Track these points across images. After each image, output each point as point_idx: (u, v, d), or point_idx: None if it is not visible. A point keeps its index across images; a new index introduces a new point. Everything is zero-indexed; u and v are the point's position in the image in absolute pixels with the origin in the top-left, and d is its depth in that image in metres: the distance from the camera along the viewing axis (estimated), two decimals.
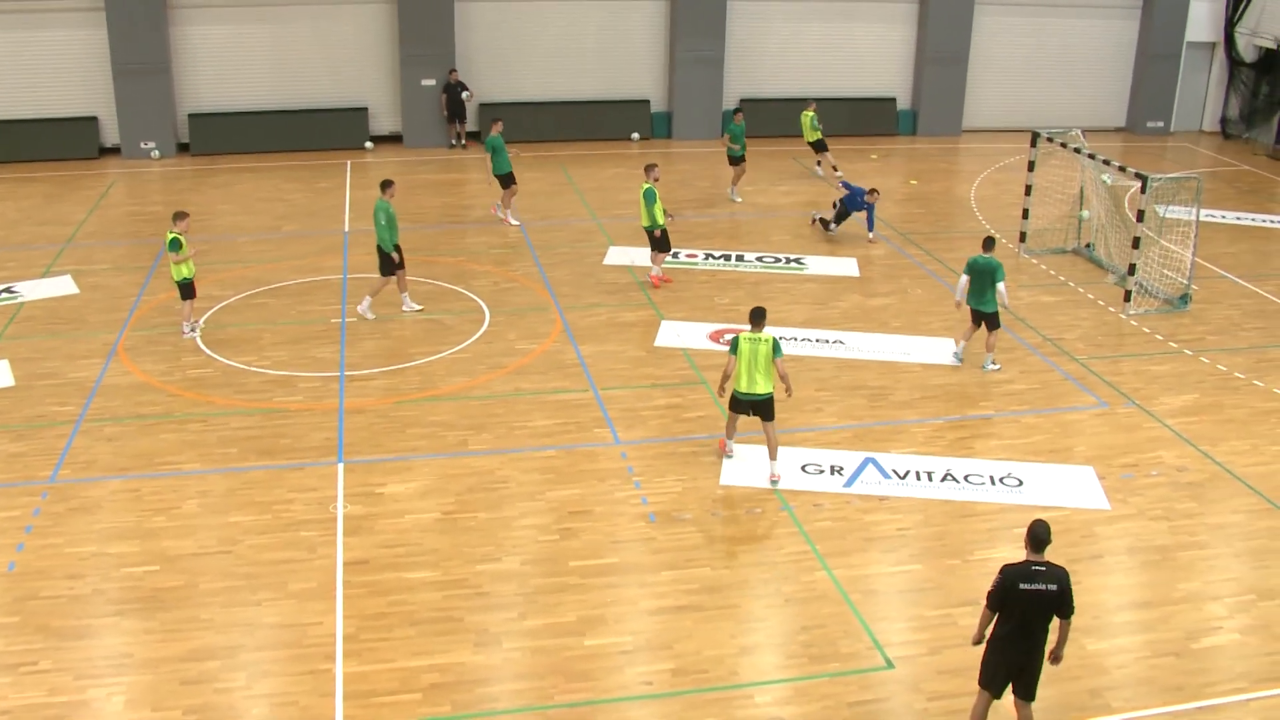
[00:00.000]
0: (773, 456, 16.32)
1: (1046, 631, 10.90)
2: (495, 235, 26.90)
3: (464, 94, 34.76)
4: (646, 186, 23.38)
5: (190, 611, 13.43)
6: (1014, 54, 38.47)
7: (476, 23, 35.33)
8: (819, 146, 32.14)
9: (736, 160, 30.18)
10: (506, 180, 27.42)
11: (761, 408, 16.22)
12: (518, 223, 27.70)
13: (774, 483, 16.25)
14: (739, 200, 30.17)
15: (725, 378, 16.28)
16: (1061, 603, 10.76)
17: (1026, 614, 10.76)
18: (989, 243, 19.85)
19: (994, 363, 20.13)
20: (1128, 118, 39.76)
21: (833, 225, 26.84)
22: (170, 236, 20.40)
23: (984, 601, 10.94)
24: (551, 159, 34.10)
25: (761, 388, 16.10)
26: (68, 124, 33.50)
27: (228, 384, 19.18)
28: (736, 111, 30.54)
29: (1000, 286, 19.49)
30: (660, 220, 23.31)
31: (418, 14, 34.25)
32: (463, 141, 35.49)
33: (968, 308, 20.04)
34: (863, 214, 26.84)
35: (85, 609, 13.50)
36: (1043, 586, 10.69)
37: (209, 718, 11.81)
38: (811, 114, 31.76)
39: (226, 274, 24.14)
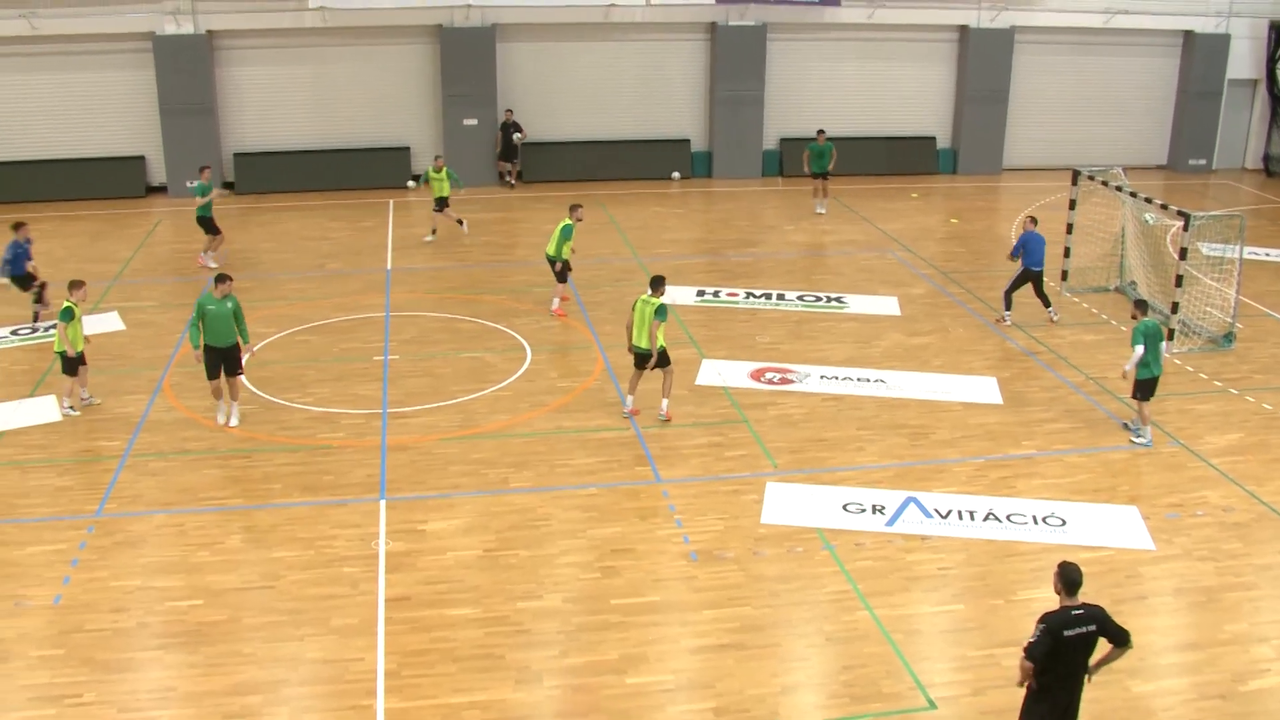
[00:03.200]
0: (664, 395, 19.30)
1: (1086, 667, 10.77)
2: (537, 274, 27.00)
3: (516, 135, 35.06)
4: (567, 223, 24.00)
5: (233, 646, 13.49)
6: (1054, 92, 38.43)
7: (518, 63, 35.61)
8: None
9: (815, 176, 32.36)
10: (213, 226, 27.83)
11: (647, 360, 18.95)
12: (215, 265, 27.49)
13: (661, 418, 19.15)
14: (821, 212, 32.31)
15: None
16: (1107, 634, 10.61)
17: (1071, 660, 10.63)
18: (1144, 305, 18.94)
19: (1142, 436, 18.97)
20: (1169, 156, 39.60)
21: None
22: (65, 305, 19.44)
23: (1024, 652, 10.61)
24: (592, 198, 34.21)
25: (644, 344, 18.79)
26: (115, 163, 33.94)
27: (271, 420, 19.31)
28: (819, 132, 32.24)
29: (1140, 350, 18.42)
30: (565, 255, 24.02)
31: (459, 54, 34.56)
32: (513, 181, 35.74)
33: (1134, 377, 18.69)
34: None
35: (129, 642, 13.59)
36: (1084, 630, 10.57)
37: None
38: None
39: (269, 311, 24.34)
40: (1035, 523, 16.30)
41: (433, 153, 35.41)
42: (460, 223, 29.95)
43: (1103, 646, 10.73)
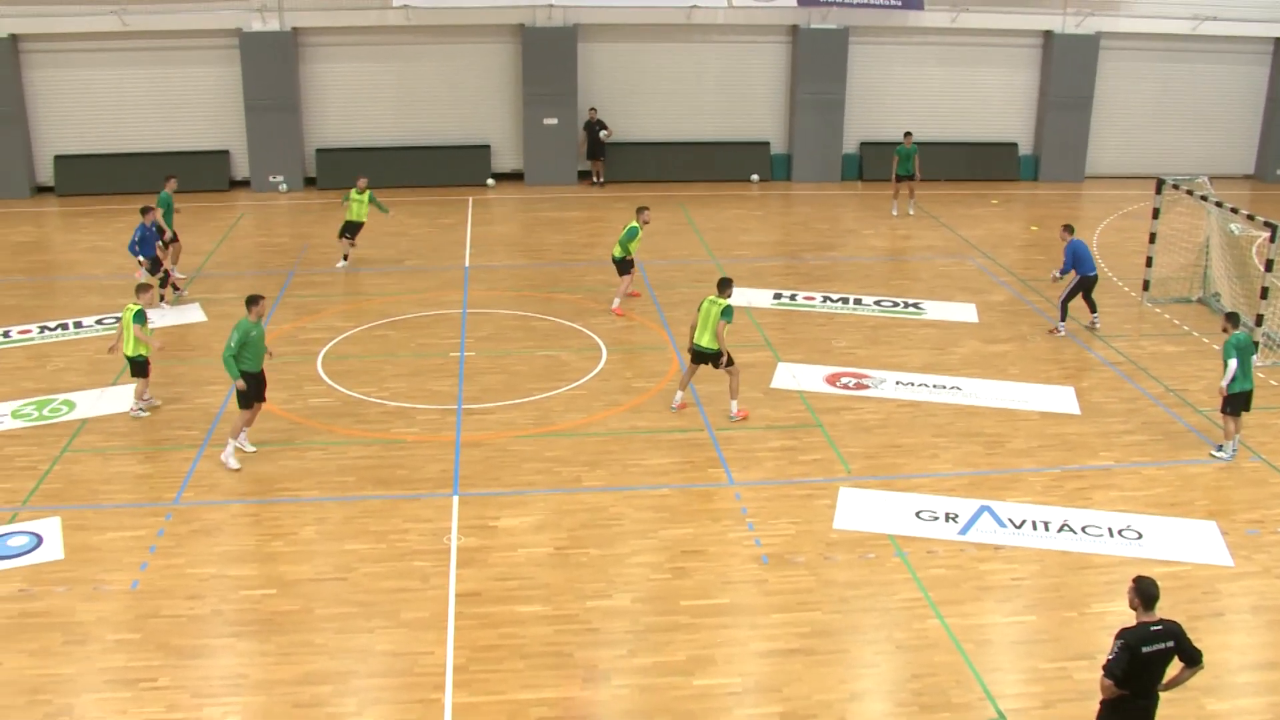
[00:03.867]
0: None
1: (1160, 681, 10.62)
2: (615, 273, 27.01)
3: (602, 132, 35.23)
4: (633, 225, 24.03)
5: (305, 636, 13.64)
6: (1139, 99, 37.94)
7: (599, 63, 35.72)
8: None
9: (899, 179, 32.50)
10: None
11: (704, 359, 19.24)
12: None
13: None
14: (895, 214, 32.63)
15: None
16: (1181, 652, 10.47)
17: (1149, 676, 10.46)
18: (1235, 318, 18.44)
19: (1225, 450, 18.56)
20: (1257, 165, 38.95)
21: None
22: (135, 309, 18.87)
23: (1103, 670, 10.44)
24: (671, 199, 34.27)
25: (706, 342, 18.99)
26: (201, 157, 34.46)
27: (348, 414, 19.50)
28: (906, 135, 32.36)
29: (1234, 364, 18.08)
30: (630, 252, 24.36)
31: (541, 54, 34.72)
32: (601, 179, 35.89)
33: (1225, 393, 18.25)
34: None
35: (204, 629, 13.78)
36: (1162, 646, 10.42)
37: None
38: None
39: (349, 306, 24.59)
40: (1111, 535, 16.10)
41: (513, 150, 35.64)
42: (345, 257, 27.57)
43: (1173, 665, 10.59)
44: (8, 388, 20.54)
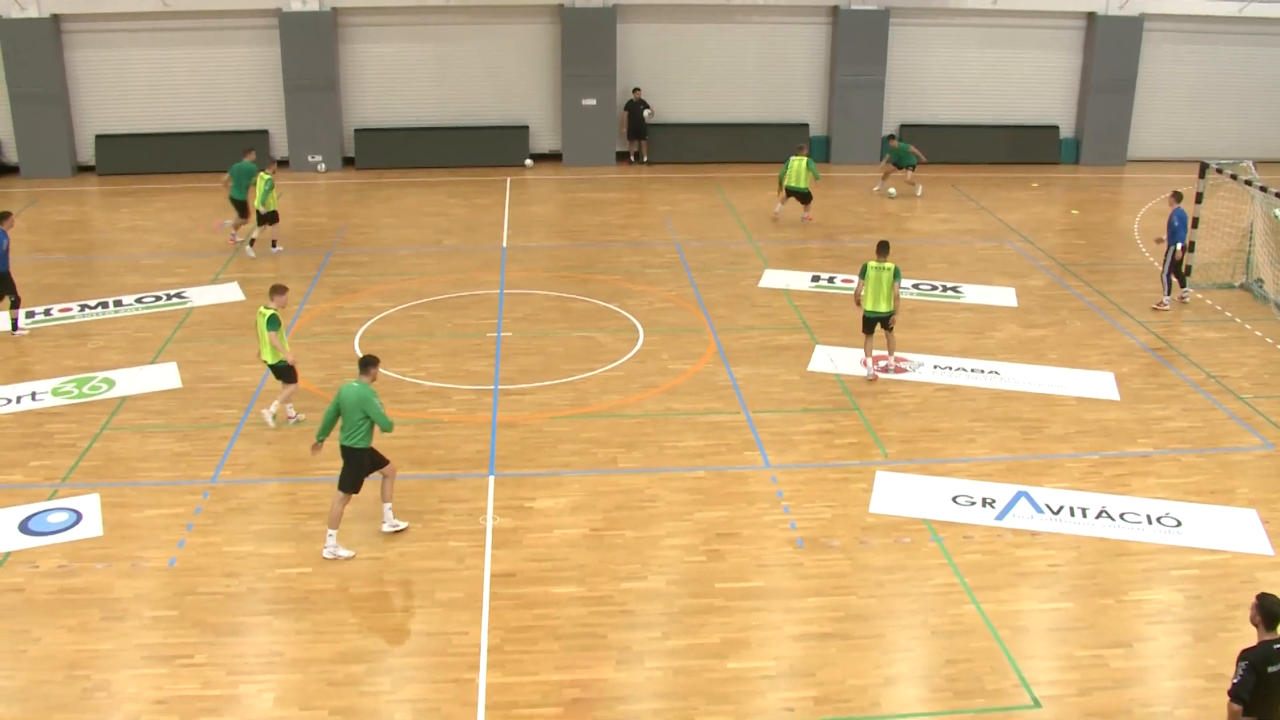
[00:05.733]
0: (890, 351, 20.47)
1: None
2: (651, 255, 27.04)
3: (645, 112, 35.22)
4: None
5: (340, 615, 13.70)
6: (1183, 82, 37.51)
7: (638, 44, 35.62)
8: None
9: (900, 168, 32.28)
10: (245, 210, 27.30)
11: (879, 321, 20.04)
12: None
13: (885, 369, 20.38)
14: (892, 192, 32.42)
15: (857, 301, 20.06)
16: None
17: (1273, 696, 10.10)
18: None
19: None
20: None
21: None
22: (269, 314, 18.10)
23: (1230, 695, 10.08)
24: (709, 180, 34.19)
25: (884, 307, 19.79)
26: (240, 136, 34.49)
27: (384, 393, 19.46)
28: (890, 137, 31.52)
29: None
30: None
31: (580, 34, 34.65)
32: (644, 158, 35.88)
33: None
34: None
35: (240, 607, 13.86)
36: None
37: (353, 719, 12.05)
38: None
39: (386, 286, 24.64)
40: (1149, 522, 15.98)
41: (551, 131, 35.64)
42: (251, 242, 27.15)
43: None
44: (48, 365, 20.70)
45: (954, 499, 16.47)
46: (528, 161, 35.61)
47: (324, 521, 15.37)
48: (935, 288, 25.16)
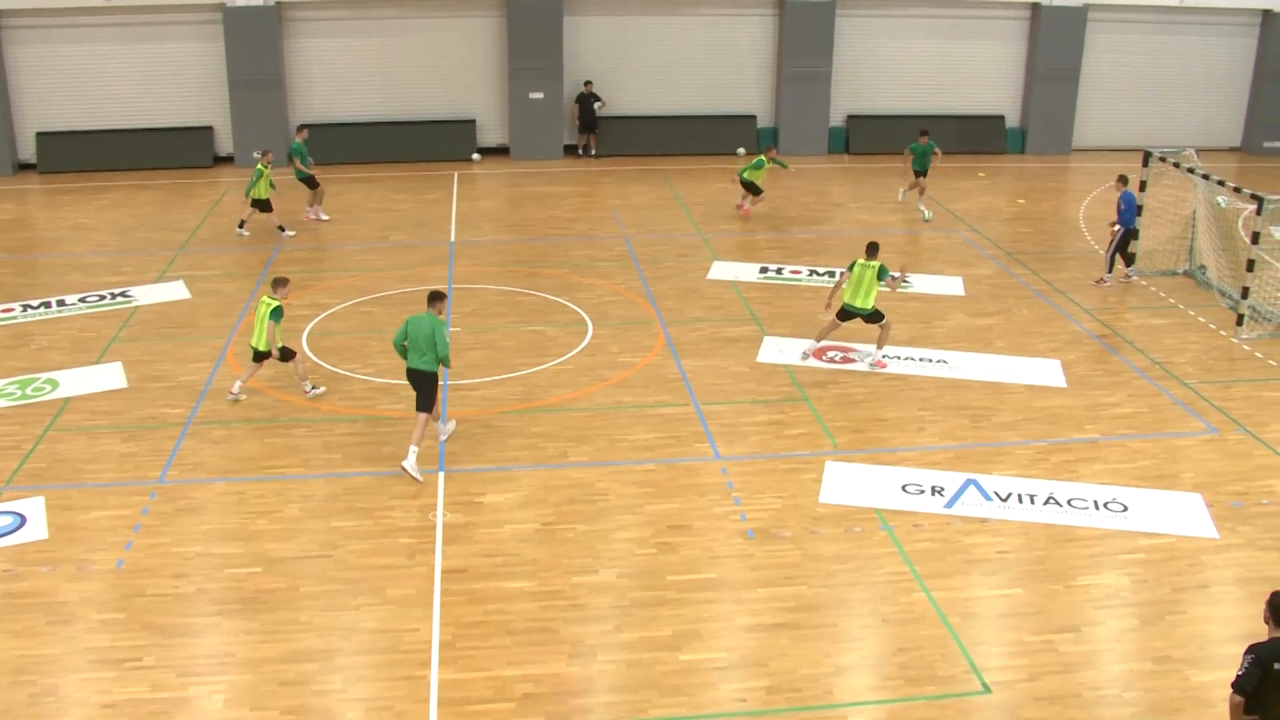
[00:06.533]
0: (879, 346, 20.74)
1: None
2: (600, 248, 27.02)
3: (596, 105, 35.23)
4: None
5: (290, 614, 13.62)
6: (1127, 71, 37.89)
7: (586, 36, 35.58)
8: (753, 189, 29.49)
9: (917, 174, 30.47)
10: (312, 182, 28.71)
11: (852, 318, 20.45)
12: (328, 217, 29.16)
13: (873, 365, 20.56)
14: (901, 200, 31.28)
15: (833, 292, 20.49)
16: None
17: (1277, 693, 9.97)
18: None
19: None
20: (1244, 138, 38.95)
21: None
22: (274, 304, 18.68)
23: (1232, 687, 10.01)
24: (657, 172, 34.21)
25: (861, 302, 20.26)
26: (184, 133, 34.30)
27: (332, 390, 19.44)
28: (922, 133, 30.32)
29: None
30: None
31: (527, 27, 34.57)
32: (593, 151, 35.85)
33: None
34: None
35: (189, 608, 13.74)
36: None
37: (305, 719, 11.98)
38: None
39: (334, 282, 24.51)
40: (1096, 508, 16.12)
41: (498, 125, 35.57)
42: (242, 225, 28.15)
43: None
44: None
45: (903, 488, 16.55)
46: (475, 155, 35.50)
47: (272, 522, 15.31)
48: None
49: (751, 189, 29.30)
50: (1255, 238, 22.10)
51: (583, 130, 35.88)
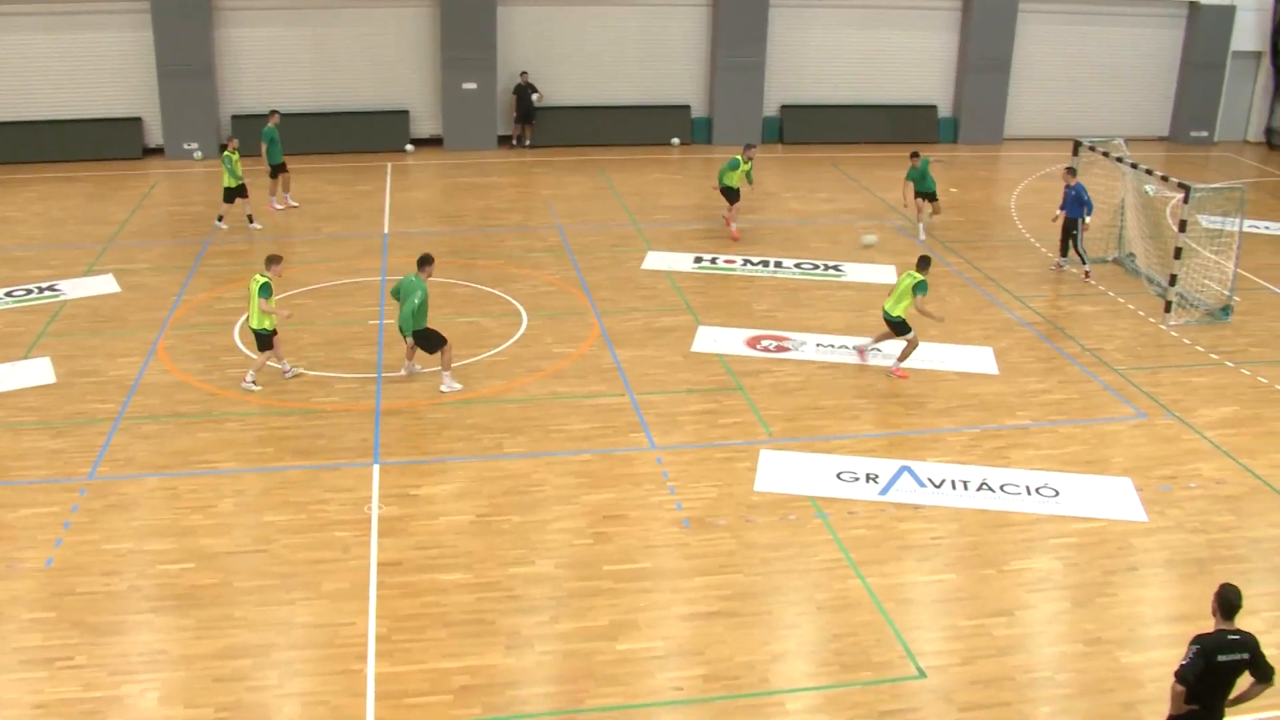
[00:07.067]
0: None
1: (1228, 695, 10.26)
2: (534, 238, 26.96)
3: (534, 95, 35.10)
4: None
5: (224, 610, 13.50)
6: (1057, 62, 38.28)
7: (519, 27, 35.44)
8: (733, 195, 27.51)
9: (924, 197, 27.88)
10: (279, 170, 28.89)
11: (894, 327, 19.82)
12: (296, 204, 29.38)
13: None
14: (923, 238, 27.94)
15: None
16: (1254, 666, 10.10)
17: (1219, 687, 10.11)
18: None
19: None
20: (1171, 127, 39.48)
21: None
22: (263, 280, 18.88)
23: (1175, 676, 10.08)
24: (591, 163, 34.18)
25: (889, 307, 19.66)
26: (112, 124, 33.82)
27: (265, 383, 19.27)
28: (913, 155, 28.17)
29: None
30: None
31: (460, 17, 34.38)
32: (527, 142, 35.75)
33: None
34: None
35: (121, 605, 13.59)
36: (1238, 657, 10.05)
37: (241, 716, 11.86)
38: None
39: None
40: (1029, 493, 16.30)
41: (431, 116, 35.40)
42: (219, 219, 27.84)
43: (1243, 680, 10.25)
44: None
45: (838, 475, 16.65)
46: (408, 147, 35.30)
47: (205, 517, 15.23)
48: (817, 267, 25.39)
49: (731, 195, 27.15)
50: (1183, 225, 22.39)
51: (520, 121, 35.75)
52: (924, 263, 19.83)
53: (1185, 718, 10.19)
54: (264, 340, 18.99)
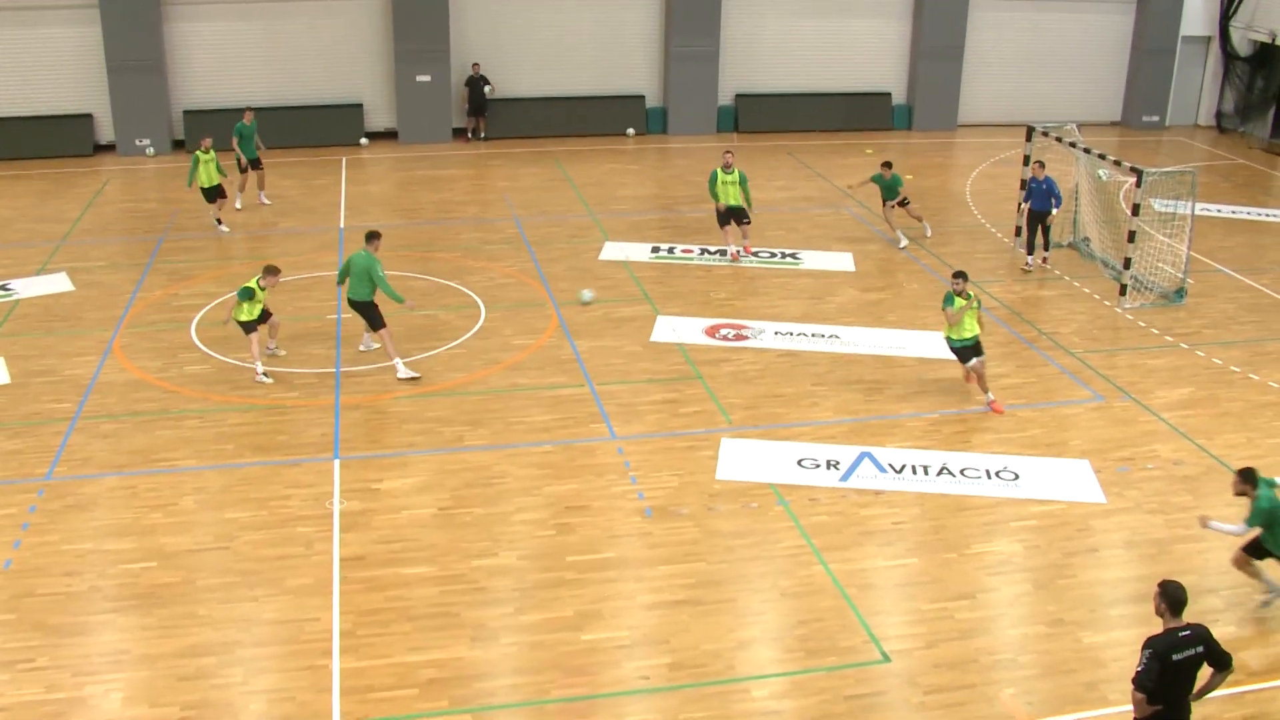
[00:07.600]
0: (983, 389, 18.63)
1: (1191, 690, 10.23)
2: (491, 231, 26.90)
3: (486, 87, 34.95)
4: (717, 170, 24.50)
5: (187, 608, 13.42)
6: (1009, 48, 38.45)
7: (472, 18, 35.31)
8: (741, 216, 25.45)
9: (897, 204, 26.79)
10: (253, 165, 28.80)
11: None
12: (269, 201, 29.14)
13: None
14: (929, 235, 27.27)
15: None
16: (1210, 656, 10.08)
17: (1179, 685, 10.07)
18: (1253, 477, 13.44)
19: None
20: (1123, 112, 39.76)
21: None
22: (247, 285, 18.96)
23: (1133, 684, 9.98)
24: (547, 154, 34.12)
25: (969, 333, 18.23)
26: (62, 121, 33.49)
27: (224, 380, 19.17)
28: (885, 165, 26.62)
29: None
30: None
31: (412, 10, 34.21)
32: (482, 134, 35.63)
33: None
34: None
35: (82, 606, 13.49)
36: (1192, 652, 10.00)
37: (206, 714, 11.80)
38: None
39: (222, 271, 24.14)
40: (989, 477, 16.41)
41: (386, 109, 35.23)
42: (219, 222, 27.40)
43: (1202, 672, 10.26)
44: None
45: (799, 462, 16.71)
46: (363, 140, 35.13)
47: (166, 516, 15.14)
48: (774, 255, 25.46)
49: (739, 215, 25.12)
50: (1136, 210, 22.57)
51: (472, 113, 35.63)
52: (959, 276, 18.31)
53: (1152, 719, 10.13)
54: (249, 327, 19.02)
